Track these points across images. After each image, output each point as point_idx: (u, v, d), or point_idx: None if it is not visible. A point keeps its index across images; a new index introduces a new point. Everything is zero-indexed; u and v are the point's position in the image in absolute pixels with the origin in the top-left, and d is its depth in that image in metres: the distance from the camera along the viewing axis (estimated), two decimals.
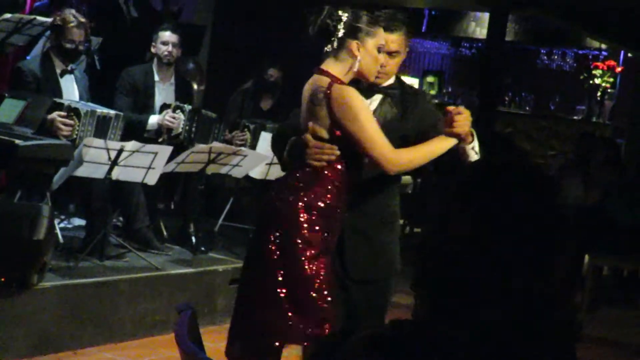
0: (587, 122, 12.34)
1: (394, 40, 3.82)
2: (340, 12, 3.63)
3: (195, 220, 6.94)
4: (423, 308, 1.49)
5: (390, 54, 3.81)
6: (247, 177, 7.10)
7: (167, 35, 7.09)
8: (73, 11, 6.57)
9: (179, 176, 6.87)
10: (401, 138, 3.74)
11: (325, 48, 3.66)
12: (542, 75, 13.48)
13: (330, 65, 3.65)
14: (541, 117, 12.77)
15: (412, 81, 13.54)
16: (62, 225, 6.86)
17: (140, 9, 8.24)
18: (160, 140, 6.89)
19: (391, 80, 3.92)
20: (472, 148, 3.72)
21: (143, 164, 5.90)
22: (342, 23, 3.62)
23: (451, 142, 3.66)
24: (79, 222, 6.89)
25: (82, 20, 6.48)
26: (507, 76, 13.53)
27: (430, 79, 13.82)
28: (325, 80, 3.62)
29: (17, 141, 5.19)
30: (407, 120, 3.85)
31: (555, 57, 13.15)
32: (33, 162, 5.32)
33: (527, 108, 13.06)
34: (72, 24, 6.38)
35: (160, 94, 7.13)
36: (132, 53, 7.53)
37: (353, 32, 3.61)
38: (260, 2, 9.49)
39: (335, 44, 3.63)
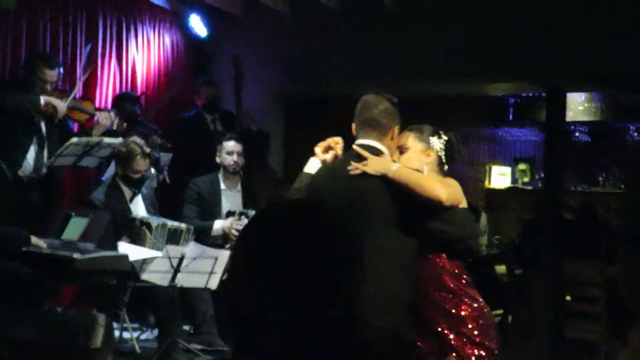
0: None
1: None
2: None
3: None
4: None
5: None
6: None
7: (231, 145, 7.36)
8: (138, 140, 6.90)
9: None
10: None
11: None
12: (633, 152, 13.17)
13: None
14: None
15: (504, 170, 13.48)
16: (143, 336, 7.07)
17: (225, 124, 8.63)
18: (227, 246, 7.06)
19: None
20: None
21: (205, 270, 6.05)
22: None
23: None
24: None
25: (147, 150, 6.81)
26: (600, 156, 13.33)
27: (521, 166, 13.67)
28: None
29: (75, 255, 5.44)
30: None
31: None
32: (91, 274, 5.53)
33: (622, 186, 12.73)
34: (137, 155, 6.70)
35: (227, 201, 7.36)
36: (209, 162, 7.74)
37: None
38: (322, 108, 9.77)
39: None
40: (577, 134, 13.32)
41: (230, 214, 7.19)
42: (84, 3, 8.20)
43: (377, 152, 4.08)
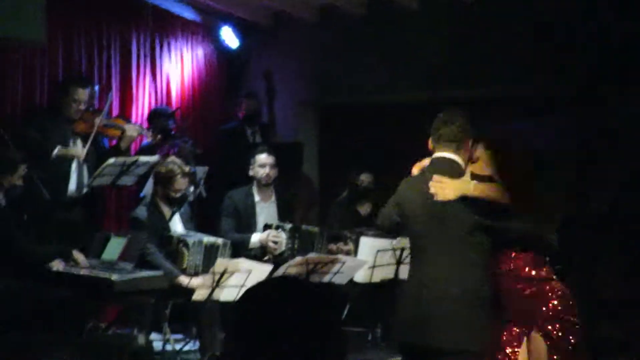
0: None
1: None
2: None
3: None
4: None
5: None
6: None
7: (263, 157, 7.47)
8: (177, 161, 7.03)
9: None
10: None
11: None
12: None
13: None
14: None
15: None
16: (186, 347, 7.21)
17: (264, 137, 8.78)
18: (265, 259, 7.18)
19: None
20: None
21: (237, 283, 6.16)
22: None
23: None
24: None
25: (186, 170, 6.95)
26: None
27: None
28: None
29: (113, 276, 5.60)
30: None
31: None
32: (130, 295, 5.68)
33: None
34: (177, 175, 6.84)
35: (262, 213, 7.48)
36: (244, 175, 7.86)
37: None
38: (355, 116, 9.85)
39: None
40: None
41: (267, 226, 7.31)
42: (116, 23, 8.39)
43: (454, 164, 4.50)
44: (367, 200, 8.28)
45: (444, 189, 4.38)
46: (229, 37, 9.50)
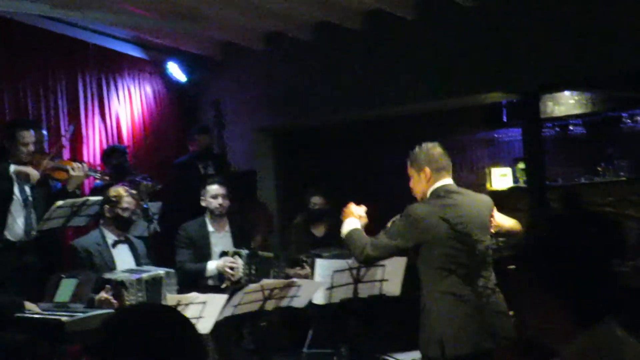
0: None
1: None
2: None
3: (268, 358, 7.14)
4: None
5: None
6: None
7: (214, 188, 7.50)
8: (125, 186, 7.07)
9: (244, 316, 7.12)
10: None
11: None
12: (630, 139, 13.21)
13: None
14: (638, 180, 12.45)
15: (505, 171, 13.52)
16: None
17: (216, 168, 8.82)
18: (223, 286, 7.20)
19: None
20: None
21: (194, 315, 6.17)
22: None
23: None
24: None
25: (133, 192, 6.97)
26: (605, 147, 13.35)
27: (521, 165, 13.74)
28: None
29: (63, 318, 5.61)
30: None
31: (638, 117, 12.89)
32: (83, 334, 5.68)
33: (622, 174, 12.76)
34: (125, 195, 6.86)
35: (217, 244, 7.49)
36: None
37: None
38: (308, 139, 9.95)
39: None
40: (571, 128, 13.42)
41: (224, 253, 7.32)
42: (62, 65, 8.43)
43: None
44: (321, 222, 8.33)
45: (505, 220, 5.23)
46: (176, 72, 9.58)
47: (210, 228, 7.52)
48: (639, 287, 7.99)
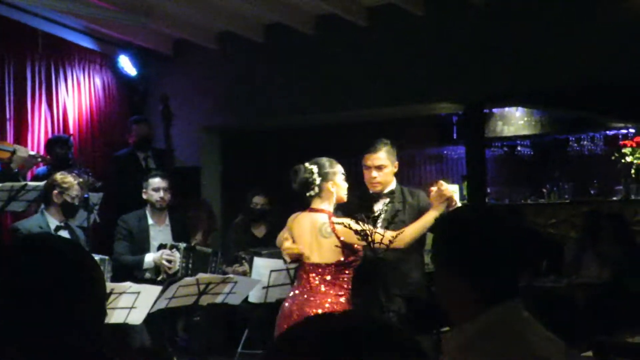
0: (627, 202, 12.16)
1: (377, 157, 5.47)
2: (309, 166, 5.20)
3: (203, 356, 7.11)
4: None
5: (378, 167, 5.48)
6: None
7: (156, 181, 7.48)
8: (74, 174, 7.02)
9: (179, 311, 7.10)
10: (404, 222, 5.32)
11: (308, 194, 5.19)
12: (576, 162, 13.45)
13: (318, 204, 5.18)
14: (582, 203, 12.60)
15: (453, 188, 13.51)
16: None
17: (157, 162, 8.78)
18: (159, 279, 7.18)
19: (393, 186, 5.56)
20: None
21: (127, 305, 6.13)
22: (314, 174, 5.15)
23: (439, 210, 5.05)
24: None
25: (80, 179, 6.93)
26: (551, 169, 13.55)
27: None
28: (323, 216, 5.12)
29: None
30: (405, 210, 5.45)
31: (585, 142, 13.13)
32: None
33: (566, 196, 12.94)
34: (75, 183, 6.82)
35: (156, 237, 7.47)
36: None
37: (325, 177, 5.16)
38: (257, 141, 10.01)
39: (316, 189, 5.15)
40: (519, 148, 13.63)
41: (161, 246, 7.30)
42: (10, 50, 8.37)
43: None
44: (262, 223, 8.37)
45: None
46: (127, 65, 9.56)
47: (150, 221, 7.50)
48: (571, 300, 8.20)
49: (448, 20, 8.49)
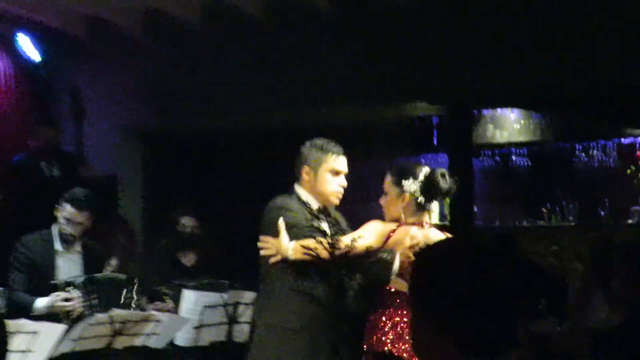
0: None
1: (345, 162, 5.62)
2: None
3: None
4: None
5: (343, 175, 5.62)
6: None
7: (70, 212, 7.23)
8: None
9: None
10: None
11: None
12: (583, 177, 13.59)
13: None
14: (590, 227, 12.74)
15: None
16: None
17: (63, 169, 8.81)
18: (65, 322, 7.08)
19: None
20: None
21: (20, 348, 6.13)
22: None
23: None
24: None
25: None
26: (553, 185, 13.70)
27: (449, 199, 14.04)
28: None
29: None
30: None
31: (595, 152, 13.34)
32: None
33: (571, 219, 13.15)
34: None
35: (64, 266, 7.33)
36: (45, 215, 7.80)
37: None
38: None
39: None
40: (514, 158, 13.77)
41: (54, 287, 7.10)
42: None
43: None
44: (191, 249, 8.38)
45: None
46: (28, 47, 9.55)
47: (57, 246, 7.35)
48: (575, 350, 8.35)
49: (429, 8, 8.66)
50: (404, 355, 5.31)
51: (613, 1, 8.01)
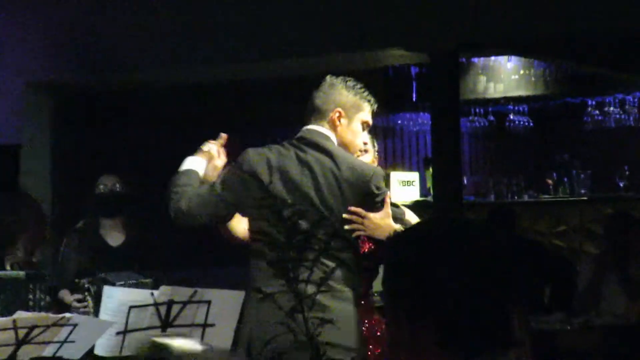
0: None
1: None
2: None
3: None
4: None
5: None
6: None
7: None
8: None
9: None
10: None
11: None
12: (596, 140, 13.59)
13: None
14: (605, 201, 12.73)
15: (411, 176, 13.59)
16: None
17: None
18: None
19: None
20: None
21: None
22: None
23: None
24: None
25: None
26: (559, 149, 13.67)
27: None
28: None
29: None
30: None
31: (611, 108, 13.26)
32: None
33: (582, 191, 13.09)
34: None
35: None
36: None
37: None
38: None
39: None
40: (511, 117, 13.72)
41: None
42: None
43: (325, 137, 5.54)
44: (117, 222, 8.21)
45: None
46: None
47: None
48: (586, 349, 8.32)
49: None
50: None
51: None
